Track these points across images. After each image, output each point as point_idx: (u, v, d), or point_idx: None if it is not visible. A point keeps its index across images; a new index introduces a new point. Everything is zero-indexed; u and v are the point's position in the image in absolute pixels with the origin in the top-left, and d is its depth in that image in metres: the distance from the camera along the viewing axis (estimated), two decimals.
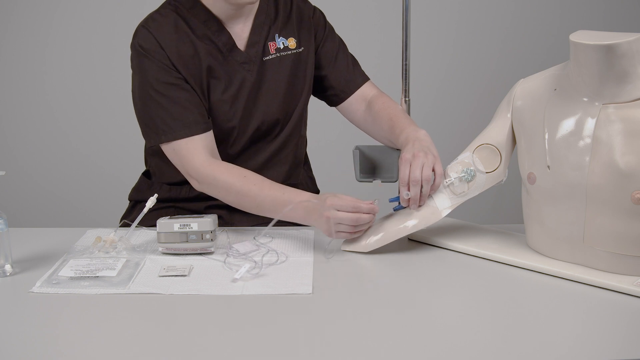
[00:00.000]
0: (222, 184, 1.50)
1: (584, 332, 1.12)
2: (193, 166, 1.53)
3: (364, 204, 1.39)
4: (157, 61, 1.53)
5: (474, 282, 1.33)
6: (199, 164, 1.52)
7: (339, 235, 1.42)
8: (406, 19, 1.85)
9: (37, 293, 1.26)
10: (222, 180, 1.50)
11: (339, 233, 1.41)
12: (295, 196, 1.45)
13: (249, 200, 1.49)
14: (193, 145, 1.53)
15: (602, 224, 1.27)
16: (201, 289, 1.28)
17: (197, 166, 1.52)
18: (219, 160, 1.56)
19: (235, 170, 1.52)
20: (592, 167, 1.26)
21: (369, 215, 1.40)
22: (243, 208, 1.52)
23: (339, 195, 1.40)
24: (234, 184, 1.49)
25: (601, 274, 1.28)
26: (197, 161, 1.52)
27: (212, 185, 1.52)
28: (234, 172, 1.51)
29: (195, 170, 1.53)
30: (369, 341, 1.08)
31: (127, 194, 1.81)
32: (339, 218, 1.39)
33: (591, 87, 1.28)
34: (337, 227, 1.40)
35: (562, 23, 3.18)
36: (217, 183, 1.51)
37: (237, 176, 1.50)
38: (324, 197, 1.41)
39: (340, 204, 1.39)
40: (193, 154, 1.53)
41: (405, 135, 1.52)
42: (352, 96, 1.72)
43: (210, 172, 1.51)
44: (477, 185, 1.44)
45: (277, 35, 1.64)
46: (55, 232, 1.60)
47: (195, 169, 1.53)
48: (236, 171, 1.51)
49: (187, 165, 1.54)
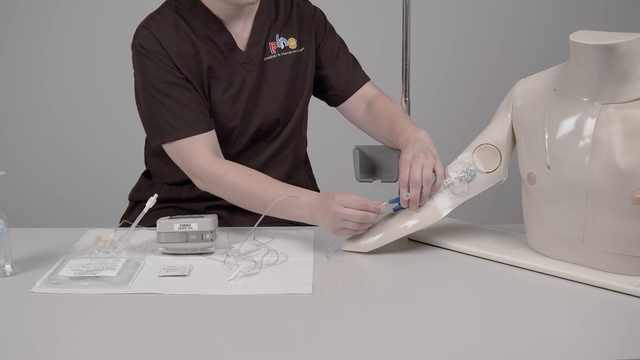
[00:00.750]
0: (227, 182, 1.50)
1: (584, 332, 1.12)
2: (197, 165, 1.52)
3: (371, 202, 1.40)
4: (159, 61, 1.53)
5: (474, 282, 1.33)
6: (203, 162, 1.52)
7: (343, 232, 1.42)
8: (406, 19, 1.85)
9: (37, 293, 1.26)
10: (227, 179, 1.50)
11: (343, 230, 1.41)
12: (301, 195, 1.45)
13: (254, 199, 1.48)
14: (196, 144, 1.53)
15: (602, 224, 1.27)
16: (201, 289, 1.28)
17: (201, 165, 1.52)
18: (223, 158, 1.56)
19: (240, 169, 1.51)
20: (592, 167, 1.26)
21: (375, 214, 1.40)
22: (248, 207, 1.51)
23: (347, 193, 1.40)
24: (239, 183, 1.49)
25: (601, 274, 1.28)
26: (201, 160, 1.52)
27: (216, 184, 1.51)
28: (239, 171, 1.51)
29: (200, 169, 1.52)
30: (369, 341, 1.08)
31: (127, 194, 1.81)
32: (346, 214, 1.39)
33: (591, 87, 1.28)
34: (343, 223, 1.40)
35: (562, 23, 3.18)
36: (221, 182, 1.50)
37: (243, 175, 1.50)
38: (332, 194, 1.41)
39: (348, 201, 1.39)
40: (197, 153, 1.52)
41: (406, 135, 1.52)
42: (353, 96, 1.72)
43: (214, 171, 1.51)
44: (477, 185, 1.44)
45: (277, 35, 1.64)
46: (55, 232, 1.60)
47: (199, 168, 1.52)
48: (241, 170, 1.51)
49: (191, 165, 1.53)
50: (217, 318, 1.17)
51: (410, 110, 1.89)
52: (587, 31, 1.29)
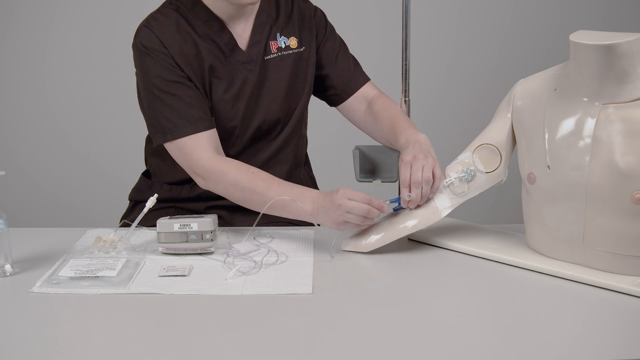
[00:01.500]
0: (230, 179, 1.49)
1: (584, 332, 1.12)
2: (199, 163, 1.52)
3: (375, 199, 1.40)
4: (160, 60, 1.53)
5: (474, 282, 1.33)
6: (204, 160, 1.51)
7: (345, 226, 1.41)
8: (406, 19, 1.85)
9: (37, 293, 1.27)
10: (230, 176, 1.49)
11: (346, 224, 1.41)
12: (304, 192, 1.45)
13: (257, 196, 1.48)
14: (198, 142, 1.53)
15: (602, 224, 1.27)
16: (201, 289, 1.28)
17: (203, 162, 1.51)
18: (225, 156, 1.56)
19: (243, 166, 1.51)
20: (592, 167, 1.26)
21: (377, 211, 1.40)
22: (250, 205, 1.51)
23: (350, 189, 1.41)
24: (242, 180, 1.48)
25: (601, 274, 1.28)
26: (203, 157, 1.52)
27: (218, 182, 1.51)
28: (241, 168, 1.50)
29: (201, 166, 1.52)
30: (369, 341, 1.08)
31: (127, 194, 1.81)
32: (350, 207, 1.38)
33: (591, 87, 1.28)
34: (346, 216, 1.39)
35: (562, 23, 3.18)
36: (224, 179, 1.50)
37: (245, 172, 1.49)
38: (336, 189, 1.41)
39: (352, 195, 1.39)
40: (199, 150, 1.52)
41: (406, 137, 1.52)
42: (353, 96, 1.72)
43: (217, 168, 1.51)
44: (477, 185, 1.44)
45: (278, 34, 1.64)
46: (55, 232, 1.60)
47: (200, 165, 1.52)
48: (244, 168, 1.51)
49: (193, 163, 1.53)
50: (217, 318, 1.17)
51: (410, 111, 1.89)
52: (587, 31, 1.29)
